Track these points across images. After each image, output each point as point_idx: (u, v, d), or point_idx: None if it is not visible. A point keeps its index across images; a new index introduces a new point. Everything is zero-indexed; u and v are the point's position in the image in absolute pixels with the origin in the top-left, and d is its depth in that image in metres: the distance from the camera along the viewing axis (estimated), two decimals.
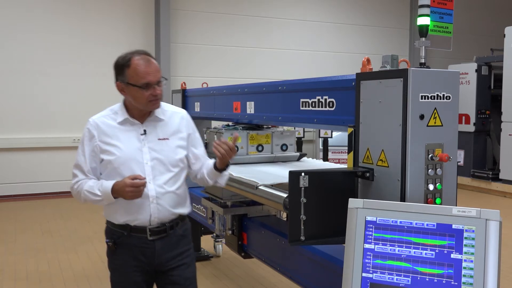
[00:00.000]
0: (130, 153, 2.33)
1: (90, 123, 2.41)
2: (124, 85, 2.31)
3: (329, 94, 2.65)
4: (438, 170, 2.10)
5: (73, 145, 8.65)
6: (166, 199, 2.37)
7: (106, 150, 2.34)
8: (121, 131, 2.36)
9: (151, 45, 9.22)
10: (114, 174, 2.32)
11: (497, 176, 8.85)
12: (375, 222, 1.94)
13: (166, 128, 2.43)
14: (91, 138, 2.38)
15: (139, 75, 2.25)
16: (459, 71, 2.26)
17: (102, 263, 5.09)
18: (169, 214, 2.40)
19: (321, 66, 10.47)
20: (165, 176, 2.37)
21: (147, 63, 2.29)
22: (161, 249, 2.41)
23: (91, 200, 2.34)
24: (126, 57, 2.31)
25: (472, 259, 1.76)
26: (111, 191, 2.27)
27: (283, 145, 3.89)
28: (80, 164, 2.39)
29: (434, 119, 2.09)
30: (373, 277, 1.90)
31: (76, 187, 2.39)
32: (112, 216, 2.43)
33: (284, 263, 3.20)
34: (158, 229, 2.39)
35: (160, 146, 2.38)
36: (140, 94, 2.27)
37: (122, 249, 2.41)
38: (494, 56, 9.47)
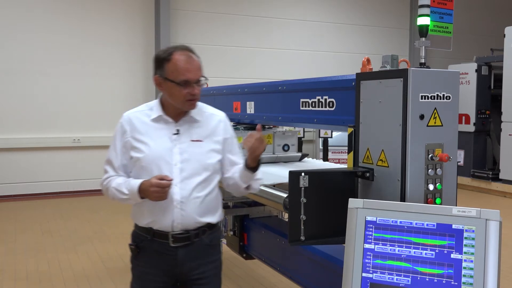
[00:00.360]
0: (159, 152, 2.21)
1: (124, 118, 2.30)
2: (162, 79, 2.18)
3: (329, 94, 2.65)
4: (438, 170, 2.10)
5: (73, 145, 8.66)
6: (192, 205, 2.21)
7: (136, 147, 2.23)
8: (154, 128, 2.25)
9: (151, 45, 9.23)
10: (143, 173, 2.21)
11: (497, 176, 8.85)
12: (375, 222, 1.94)
13: (201, 130, 2.29)
14: (123, 133, 2.28)
15: (178, 71, 2.13)
16: (459, 71, 2.26)
17: (102, 263, 5.09)
18: (194, 222, 2.23)
19: (321, 66, 10.47)
20: (194, 180, 2.22)
21: (188, 59, 2.16)
22: (184, 257, 2.25)
23: (118, 199, 2.24)
24: (167, 50, 2.18)
25: (472, 259, 1.76)
26: (138, 190, 2.15)
27: (284, 145, 3.89)
28: (111, 159, 2.31)
29: (434, 119, 2.09)
30: (373, 277, 1.90)
31: (105, 184, 2.30)
32: (137, 218, 2.32)
33: (285, 263, 3.20)
34: (181, 235, 2.23)
35: (192, 148, 2.24)
36: (178, 92, 2.15)
37: (144, 254, 2.29)
38: (494, 56, 9.47)
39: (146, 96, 9.22)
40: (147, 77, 9.23)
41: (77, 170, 8.72)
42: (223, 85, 4.17)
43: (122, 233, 6.14)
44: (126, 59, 9.07)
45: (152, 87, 9.25)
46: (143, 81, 9.22)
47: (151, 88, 9.26)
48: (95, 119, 8.78)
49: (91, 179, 8.73)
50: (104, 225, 6.57)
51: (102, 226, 6.55)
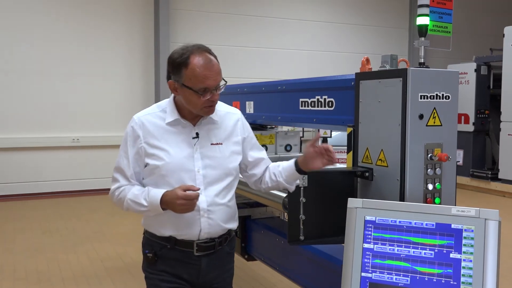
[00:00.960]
0: (180, 159, 2.04)
1: (135, 121, 2.09)
2: (178, 85, 2.00)
3: (328, 94, 2.65)
4: (438, 169, 2.10)
5: (73, 144, 8.65)
6: (218, 213, 2.10)
7: (152, 154, 2.05)
8: (170, 133, 2.07)
9: (151, 45, 9.22)
10: (161, 181, 2.05)
11: (496, 175, 8.85)
12: (374, 221, 1.94)
13: (219, 131, 2.15)
14: (136, 139, 2.07)
15: (198, 78, 1.94)
16: (458, 70, 2.26)
17: (101, 262, 5.08)
18: (220, 229, 2.13)
19: (321, 66, 10.47)
20: (217, 186, 2.10)
21: (208, 64, 1.96)
22: (207, 266, 2.14)
23: (134, 210, 2.07)
24: (184, 53, 1.97)
25: (471, 258, 1.77)
26: (160, 202, 1.99)
27: (287, 146, 3.86)
28: (122, 167, 2.10)
29: (434, 119, 2.09)
30: (372, 276, 1.90)
31: (117, 194, 2.11)
32: (154, 228, 2.15)
33: (285, 263, 3.20)
34: (207, 244, 2.11)
35: (213, 152, 2.10)
36: (196, 99, 1.97)
37: (163, 262, 2.13)
38: (493, 56, 9.47)
39: (145, 96, 9.22)
40: (146, 77, 9.23)
41: (76, 170, 8.71)
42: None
43: (121, 233, 6.14)
44: (125, 59, 9.06)
45: (151, 87, 9.26)
46: (142, 81, 9.22)
47: (150, 88, 9.26)
48: (95, 118, 8.77)
49: (91, 179, 8.73)
50: (103, 225, 6.57)
51: (102, 226, 6.55)
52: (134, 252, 5.42)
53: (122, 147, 2.12)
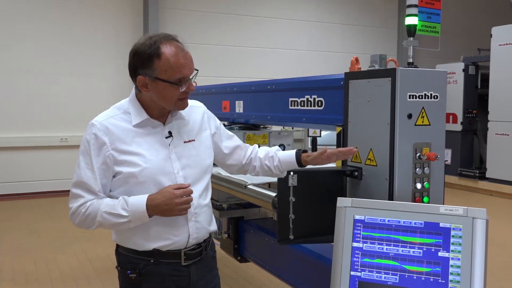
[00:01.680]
0: (158, 162, 1.87)
1: (97, 127, 1.85)
2: (150, 80, 1.81)
3: (317, 93, 2.65)
4: (426, 169, 2.12)
5: (61, 144, 8.59)
6: (203, 215, 1.98)
7: (124, 160, 1.83)
8: (141, 135, 1.88)
9: None
10: (136, 190, 1.84)
11: (484, 174, 8.94)
12: (363, 220, 1.95)
13: (189, 127, 2.01)
14: (101, 147, 1.84)
15: (173, 68, 1.79)
16: (447, 70, 2.28)
17: (89, 263, 5.06)
18: (205, 232, 2.01)
19: (310, 65, 10.49)
20: (198, 186, 1.97)
21: (182, 52, 1.82)
22: (196, 275, 2.00)
23: (110, 224, 1.84)
24: (153, 44, 1.80)
25: (459, 257, 1.78)
26: (146, 208, 1.80)
27: (280, 145, 3.83)
28: (85, 181, 1.84)
29: (422, 118, 2.10)
30: (361, 275, 1.90)
31: (84, 211, 1.84)
32: (133, 242, 1.92)
33: (276, 263, 3.20)
34: (194, 251, 1.97)
35: (188, 150, 1.96)
36: (171, 92, 1.82)
37: (148, 281, 1.91)
38: (481, 56, 9.56)
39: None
40: None
41: (64, 169, 8.64)
42: (212, 84, 4.16)
43: (110, 233, 6.09)
44: (114, 59, 9.01)
45: None
46: (131, 81, 9.16)
47: None
48: (83, 118, 8.67)
49: None
50: None
51: None
52: None
53: (82, 158, 1.86)
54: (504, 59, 8.52)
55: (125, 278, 1.94)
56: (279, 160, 2.19)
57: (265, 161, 2.22)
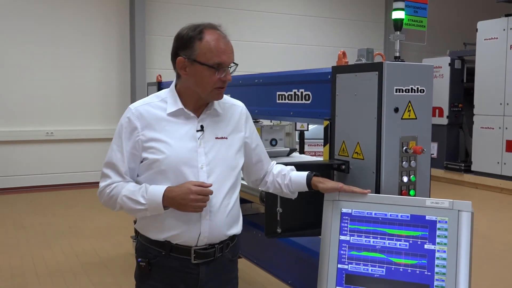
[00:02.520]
0: (183, 153, 1.85)
1: (132, 112, 1.88)
2: (188, 62, 1.83)
3: (305, 87, 2.65)
4: (412, 162, 2.13)
5: (47, 138, 8.51)
6: (220, 216, 1.91)
7: (151, 147, 1.85)
8: (172, 124, 1.89)
9: (126, 37, 9.10)
10: (158, 178, 1.86)
11: (469, 168, 9.03)
12: (350, 214, 1.96)
13: (224, 124, 1.98)
14: (133, 131, 1.87)
15: (213, 51, 1.81)
16: (433, 64, 2.29)
17: (77, 258, 5.03)
18: (221, 234, 1.94)
19: (298, 59, 10.49)
20: (223, 185, 1.92)
21: (223, 39, 1.85)
22: (206, 276, 1.94)
23: (129, 209, 1.86)
24: (196, 28, 1.84)
25: (445, 249, 1.80)
26: (162, 199, 1.81)
27: (272, 140, 3.71)
28: (115, 163, 1.88)
29: (409, 112, 2.12)
30: (348, 268, 1.92)
31: (108, 191, 1.89)
32: (148, 230, 1.94)
33: (266, 258, 3.21)
34: (206, 251, 1.92)
35: (218, 147, 1.92)
36: (208, 76, 1.82)
37: (157, 272, 1.93)
38: (467, 50, 9.64)
39: (121, 88, 9.11)
40: (122, 69, 9.11)
41: (50, 164, 8.58)
42: None
43: (97, 228, 6.07)
44: (100, 51, 8.93)
45: (127, 80, 9.14)
46: (117, 74, 9.10)
47: (125, 80, 9.15)
48: (69, 111, 8.64)
49: (65, 173, 8.61)
50: (79, 220, 6.49)
51: (77, 221, 6.47)
52: (111, 247, 5.37)
53: (115, 140, 1.91)
54: (490, 53, 8.59)
55: (137, 265, 1.98)
56: (290, 179, 2.10)
57: (277, 178, 2.14)
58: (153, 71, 8.76)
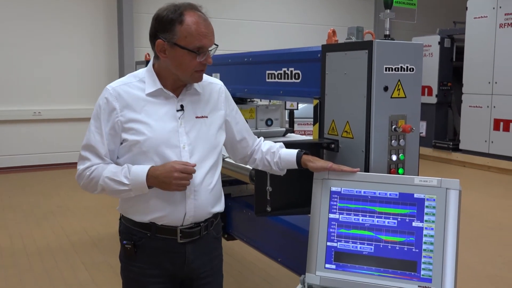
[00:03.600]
0: (164, 133, 1.84)
1: (109, 92, 1.85)
2: (168, 45, 1.80)
3: (295, 66, 2.64)
4: (401, 141, 2.14)
5: (35, 118, 8.42)
6: (204, 194, 1.92)
7: (131, 128, 1.83)
8: (152, 105, 1.86)
9: (114, 15, 8.97)
10: (140, 159, 1.84)
11: (457, 146, 9.11)
12: (339, 192, 1.97)
13: (203, 103, 1.96)
14: (111, 112, 1.84)
15: (194, 36, 1.77)
16: (423, 43, 2.28)
17: (66, 237, 5.03)
18: (206, 212, 1.95)
19: (287, 37, 10.43)
20: (205, 164, 1.92)
21: (204, 22, 1.81)
22: (192, 254, 1.96)
23: (112, 190, 1.84)
24: (177, 9, 1.79)
25: (432, 226, 1.82)
26: (146, 178, 1.79)
27: (268, 120, 3.64)
28: (93, 145, 1.85)
29: (398, 91, 2.11)
30: (337, 245, 1.94)
31: (88, 174, 1.85)
32: (132, 213, 1.92)
33: (257, 237, 3.23)
34: (191, 230, 1.92)
35: (199, 126, 1.92)
36: (188, 60, 1.80)
37: (143, 253, 1.93)
38: (456, 28, 9.63)
39: (109, 67, 9.01)
40: (110, 47, 9.01)
41: (38, 143, 8.51)
42: None
43: (86, 207, 6.07)
44: (88, 30, 8.81)
45: (114, 58, 9.04)
46: (105, 52, 9.00)
47: (113, 59, 9.05)
48: (57, 91, 8.54)
49: (53, 152, 8.55)
50: (67, 199, 6.47)
51: (66, 200, 6.45)
52: (100, 226, 5.38)
53: (93, 122, 1.87)
54: (479, 32, 8.60)
55: (122, 247, 1.97)
56: (279, 157, 2.10)
57: (266, 156, 2.14)
58: (142, 50, 8.67)
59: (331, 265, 1.92)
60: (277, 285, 3.90)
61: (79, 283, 3.98)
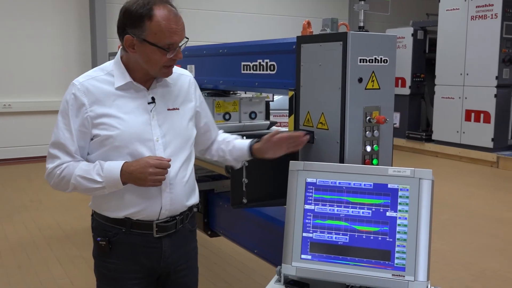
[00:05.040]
0: (137, 127, 1.80)
1: (77, 87, 1.78)
2: (137, 41, 1.74)
3: (270, 57, 2.64)
4: (375, 132, 2.16)
5: (4, 110, 8.23)
6: (180, 187, 1.90)
7: (102, 123, 1.78)
8: (122, 98, 1.81)
9: (86, 5, 8.80)
10: (113, 155, 1.79)
11: (430, 137, 9.27)
12: (315, 183, 1.98)
13: (174, 95, 1.93)
14: (80, 108, 1.77)
15: (164, 32, 1.72)
16: (396, 35, 2.30)
17: (39, 232, 4.95)
18: (181, 206, 1.93)
19: (263, 29, 10.40)
20: (179, 156, 1.90)
21: (174, 17, 1.75)
22: (169, 248, 1.94)
23: (84, 188, 1.79)
24: (146, 4, 1.72)
25: (406, 216, 1.85)
26: (120, 174, 1.75)
27: (251, 113, 3.53)
28: (62, 142, 1.79)
29: (372, 82, 2.13)
30: (313, 236, 1.95)
31: (59, 173, 1.81)
32: (105, 209, 1.88)
33: (236, 230, 3.22)
34: (167, 223, 1.90)
35: (171, 118, 1.89)
36: (158, 57, 1.76)
37: (118, 249, 1.88)
38: (429, 20, 9.75)
39: (81, 57, 8.86)
40: (82, 38, 8.84)
41: (9, 137, 8.32)
42: None
43: (59, 201, 5.97)
44: (59, 20, 8.62)
45: (87, 48, 8.89)
46: (77, 42, 8.83)
47: (86, 49, 8.89)
48: (27, 83, 8.35)
49: (24, 146, 8.38)
50: (40, 193, 6.36)
51: (39, 194, 6.34)
52: (74, 220, 5.30)
53: (61, 118, 1.81)
54: (451, 24, 8.73)
55: (96, 244, 1.92)
56: (233, 146, 2.11)
57: (221, 145, 2.15)
58: (115, 41, 8.54)
59: (307, 256, 1.94)
60: (254, 276, 3.92)
61: (52, 278, 3.93)
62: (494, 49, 8.04)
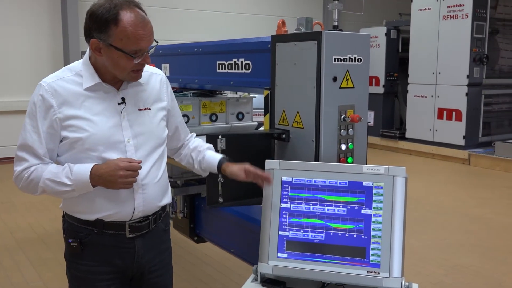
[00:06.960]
0: (107, 129, 1.76)
1: (45, 88, 1.74)
2: (104, 46, 1.69)
3: (245, 56, 2.64)
4: (350, 130, 2.18)
5: None
6: (152, 188, 1.87)
7: (71, 125, 1.74)
8: (91, 99, 1.77)
9: (57, 3, 8.65)
10: (83, 157, 1.75)
11: (404, 135, 9.40)
12: (291, 182, 1.99)
13: (145, 95, 1.89)
14: (48, 109, 1.73)
15: (130, 38, 1.67)
16: (370, 34, 2.33)
17: (11, 234, 4.85)
18: (154, 206, 1.90)
19: (238, 28, 10.39)
20: (151, 157, 1.86)
21: (142, 22, 1.69)
22: (142, 248, 1.91)
23: (53, 192, 1.76)
24: (112, 8, 1.66)
25: (380, 213, 1.87)
26: (90, 177, 1.72)
27: (239, 114, 3.46)
28: (30, 144, 1.75)
29: (346, 81, 2.15)
30: (289, 234, 1.96)
31: (27, 176, 1.76)
32: (77, 212, 1.85)
33: (207, 227, 3.20)
34: (140, 224, 1.87)
35: (142, 118, 1.85)
36: (124, 62, 1.71)
37: (90, 251, 1.85)
38: (402, 20, 9.89)
39: (53, 55, 8.70)
40: (53, 36, 8.68)
41: None
42: None
43: (32, 203, 5.86)
44: (30, 18, 8.44)
45: (59, 46, 8.73)
46: (49, 40, 8.66)
47: (58, 46, 8.73)
48: None
49: None
50: (11, 195, 6.22)
51: (10, 195, 6.20)
52: (47, 222, 5.21)
53: (28, 120, 1.76)
54: (423, 24, 8.86)
55: (67, 246, 1.89)
56: (203, 157, 2.08)
57: (192, 153, 2.12)
58: None
59: (283, 254, 1.94)
60: (231, 275, 3.91)
61: (25, 281, 3.85)
62: (465, 48, 8.19)
